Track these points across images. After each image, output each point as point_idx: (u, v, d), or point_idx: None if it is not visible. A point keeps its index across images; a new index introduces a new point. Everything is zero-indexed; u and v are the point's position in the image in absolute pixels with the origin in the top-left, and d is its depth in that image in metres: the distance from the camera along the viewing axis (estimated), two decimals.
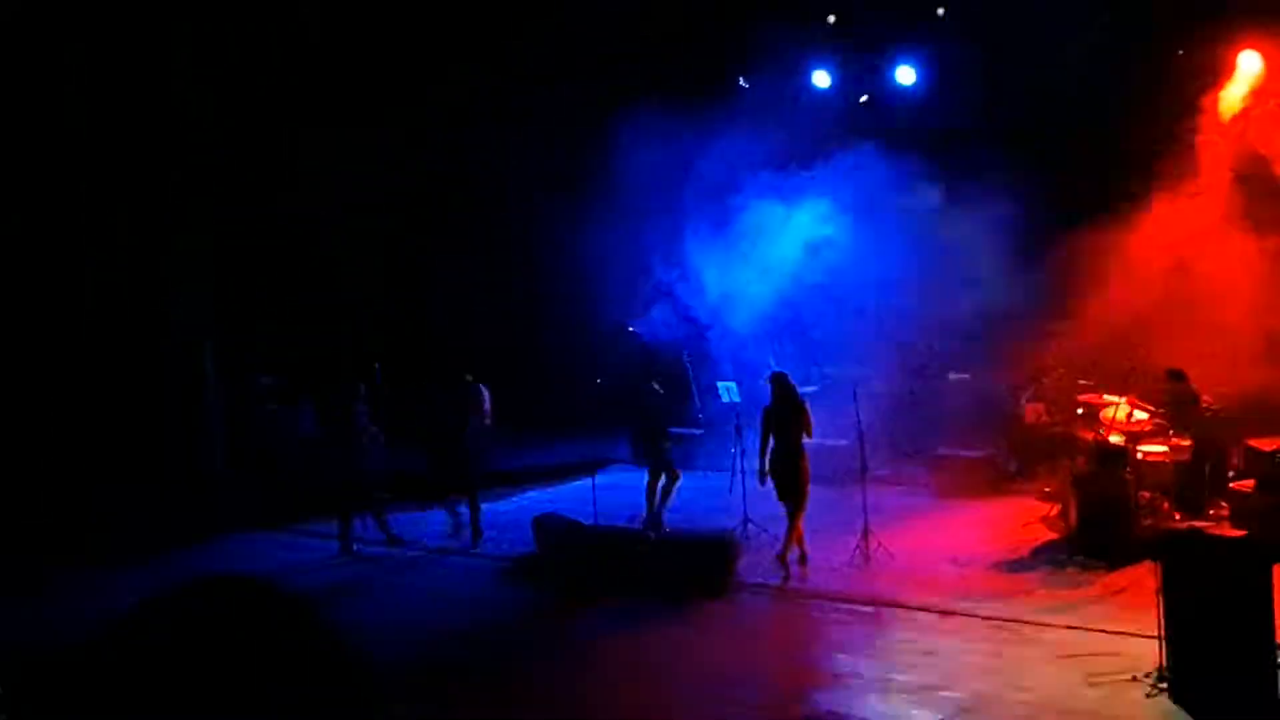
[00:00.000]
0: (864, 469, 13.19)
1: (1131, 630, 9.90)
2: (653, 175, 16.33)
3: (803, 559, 13.14)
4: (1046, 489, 14.72)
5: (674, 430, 15.40)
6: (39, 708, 5.11)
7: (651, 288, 17.36)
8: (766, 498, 14.30)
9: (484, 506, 15.65)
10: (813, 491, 13.22)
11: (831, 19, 18.04)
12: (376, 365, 14.95)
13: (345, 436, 14.85)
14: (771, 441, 13.07)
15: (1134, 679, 9.11)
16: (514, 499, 15.49)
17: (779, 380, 13.34)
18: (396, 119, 18.35)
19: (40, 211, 16.59)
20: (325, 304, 18.78)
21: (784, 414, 13.10)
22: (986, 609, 11.22)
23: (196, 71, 16.94)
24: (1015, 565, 12.61)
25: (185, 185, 17.14)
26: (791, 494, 13.00)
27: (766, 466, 13.08)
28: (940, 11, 17.30)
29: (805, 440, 13.12)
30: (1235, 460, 13.47)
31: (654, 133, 15.83)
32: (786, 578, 12.82)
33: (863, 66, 18.00)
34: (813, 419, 13.10)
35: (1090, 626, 10.52)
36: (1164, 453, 12.98)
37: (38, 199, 16.53)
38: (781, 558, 13.03)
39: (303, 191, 18.07)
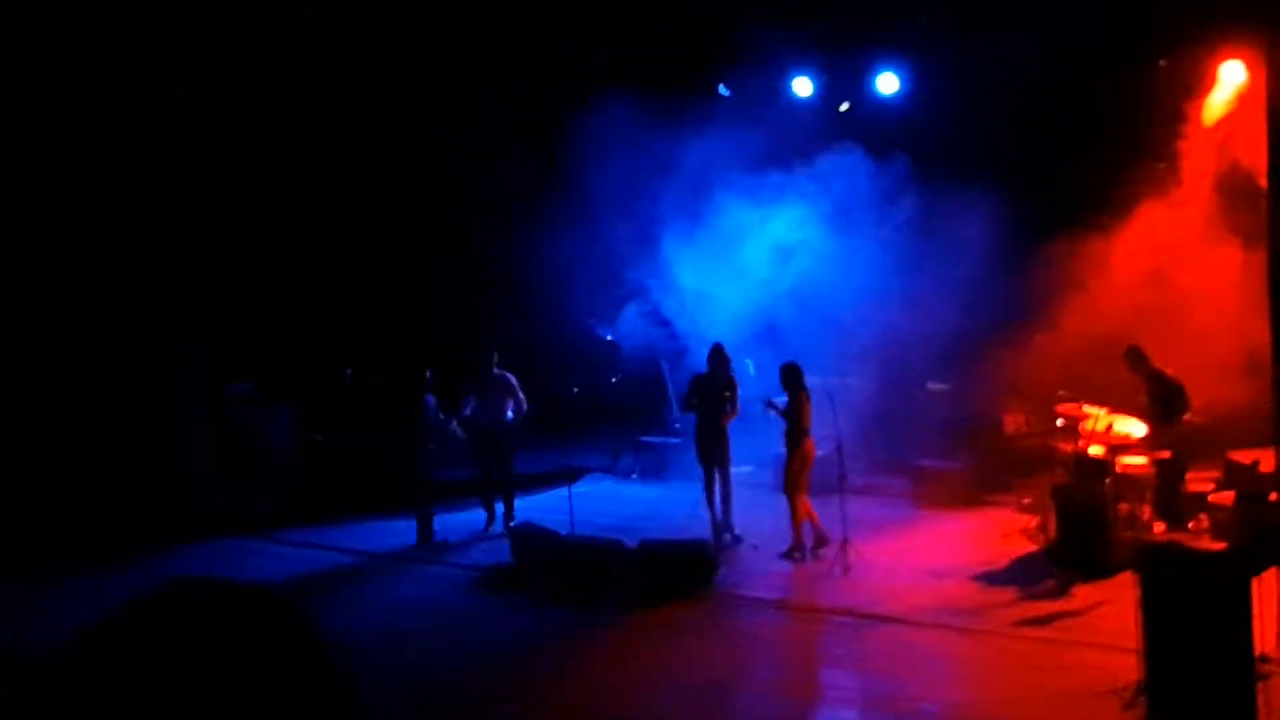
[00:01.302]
0: (843, 479, 13.10)
1: (1110, 643, 9.80)
2: (629, 180, 16.24)
3: (820, 541, 13.46)
4: (1025, 501, 14.63)
5: (648, 440, 15.22)
6: (23, 711, 4.98)
7: (628, 294, 17.26)
8: (743, 507, 14.24)
9: (459, 515, 15.58)
10: None
11: (814, 27, 17.97)
12: (348, 369, 14.78)
13: (411, 433, 14.70)
14: None
15: (1112, 692, 9.02)
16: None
17: (790, 371, 13.55)
18: (389, 119, 18.25)
19: (34, 210, 16.42)
20: (307, 307, 18.59)
21: (800, 403, 13.46)
22: (964, 621, 11.14)
23: (191, 71, 16.76)
24: (994, 577, 12.50)
25: (178, 184, 16.96)
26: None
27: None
28: (923, 20, 17.25)
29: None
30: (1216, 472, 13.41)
31: (631, 137, 15.73)
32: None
33: (844, 74, 17.93)
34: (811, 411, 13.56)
35: (1068, 639, 10.44)
36: (1144, 464, 12.91)
37: (31, 198, 16.36)
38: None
39: (292, 192, 17.91)
